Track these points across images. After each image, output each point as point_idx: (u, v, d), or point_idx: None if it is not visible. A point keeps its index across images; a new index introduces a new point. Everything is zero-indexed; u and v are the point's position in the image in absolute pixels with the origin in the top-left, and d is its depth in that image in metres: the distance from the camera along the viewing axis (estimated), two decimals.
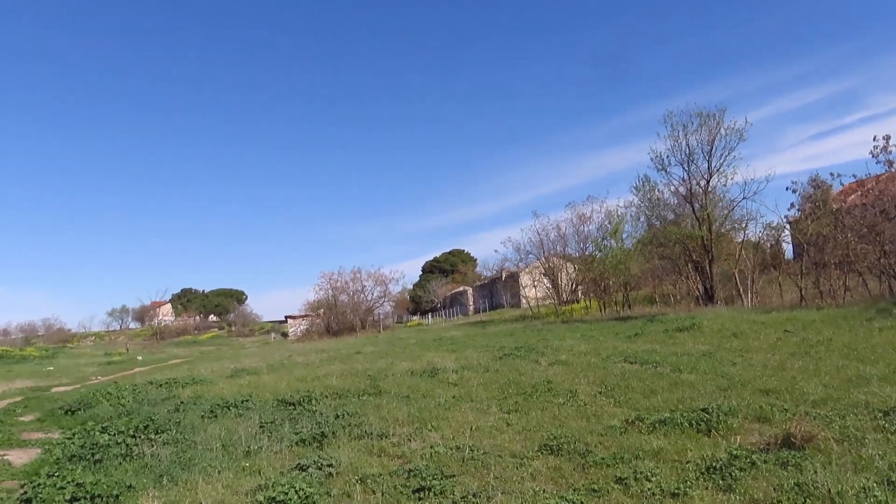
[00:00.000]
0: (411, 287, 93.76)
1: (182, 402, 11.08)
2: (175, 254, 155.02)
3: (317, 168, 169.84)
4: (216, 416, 10.12)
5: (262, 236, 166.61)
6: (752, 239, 30.87)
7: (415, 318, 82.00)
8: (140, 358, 43.69)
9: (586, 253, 48.98)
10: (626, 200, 35.46)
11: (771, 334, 14.86)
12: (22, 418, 12.23)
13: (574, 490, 5.69)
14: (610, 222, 32.08)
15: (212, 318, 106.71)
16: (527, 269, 63.47)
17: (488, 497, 5.55)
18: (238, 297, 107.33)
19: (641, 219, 30.77)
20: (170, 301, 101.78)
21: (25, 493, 6.83)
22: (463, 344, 22.18)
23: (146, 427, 8.58)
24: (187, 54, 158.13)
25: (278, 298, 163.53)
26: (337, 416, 9.62)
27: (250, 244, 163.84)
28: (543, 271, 49.79)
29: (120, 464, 7.61)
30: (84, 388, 22.96)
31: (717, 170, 27.12)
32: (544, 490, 5.73)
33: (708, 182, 27.41)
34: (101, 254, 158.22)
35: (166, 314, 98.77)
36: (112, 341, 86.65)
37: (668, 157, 27.85)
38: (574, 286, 48.37)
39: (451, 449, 7.25)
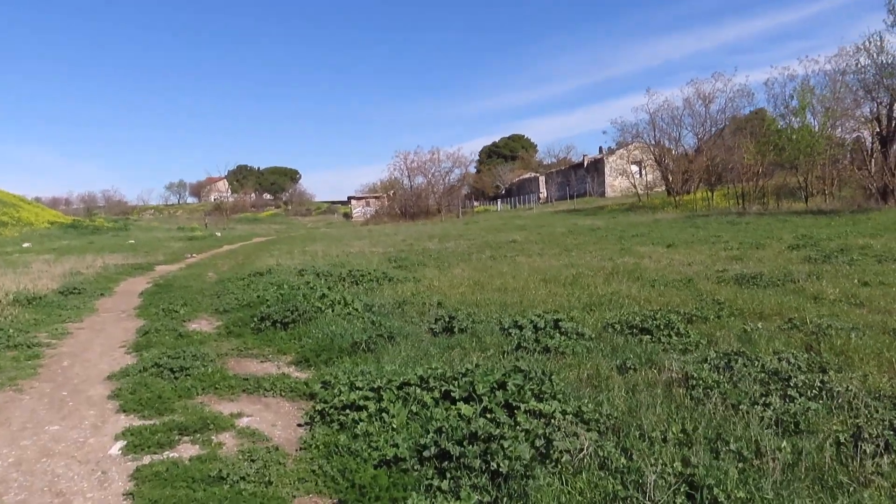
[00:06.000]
0: (474, 172, 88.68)
1: (452, 317, 7.00)
2: (229, 130, 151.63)
3: (358, 48, 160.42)
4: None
5: (311, 114, 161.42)
6: None
7: (477, 203, 77.58)
8: (219, 234, 40.75)
9: (707, 136, 43.30)
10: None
11: None
12: (195, 325, 8.29)
13: None
14: (794, 95, 26.08)
15: (266, 196, 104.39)
16: (617, 155, 57.70)
17: None
18: (292, 175, 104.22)
19: (842, 89, 24.68)
20: (225, 177, 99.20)
21: None
22: (655, 238, 17.76)
23: (520, 390, 4.44)
24: None
25: (328, 178, 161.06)
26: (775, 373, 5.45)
27: (301, 123, 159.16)
28: (655, 158, 44.27)
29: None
30: (188, 267, 19.57)
31: None
32: None
33: None
34: (155, 127, 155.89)
35: (222, 190, 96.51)
36: (171, 215, 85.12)
37: None
38: (687, 174, 42.92)
39: None
